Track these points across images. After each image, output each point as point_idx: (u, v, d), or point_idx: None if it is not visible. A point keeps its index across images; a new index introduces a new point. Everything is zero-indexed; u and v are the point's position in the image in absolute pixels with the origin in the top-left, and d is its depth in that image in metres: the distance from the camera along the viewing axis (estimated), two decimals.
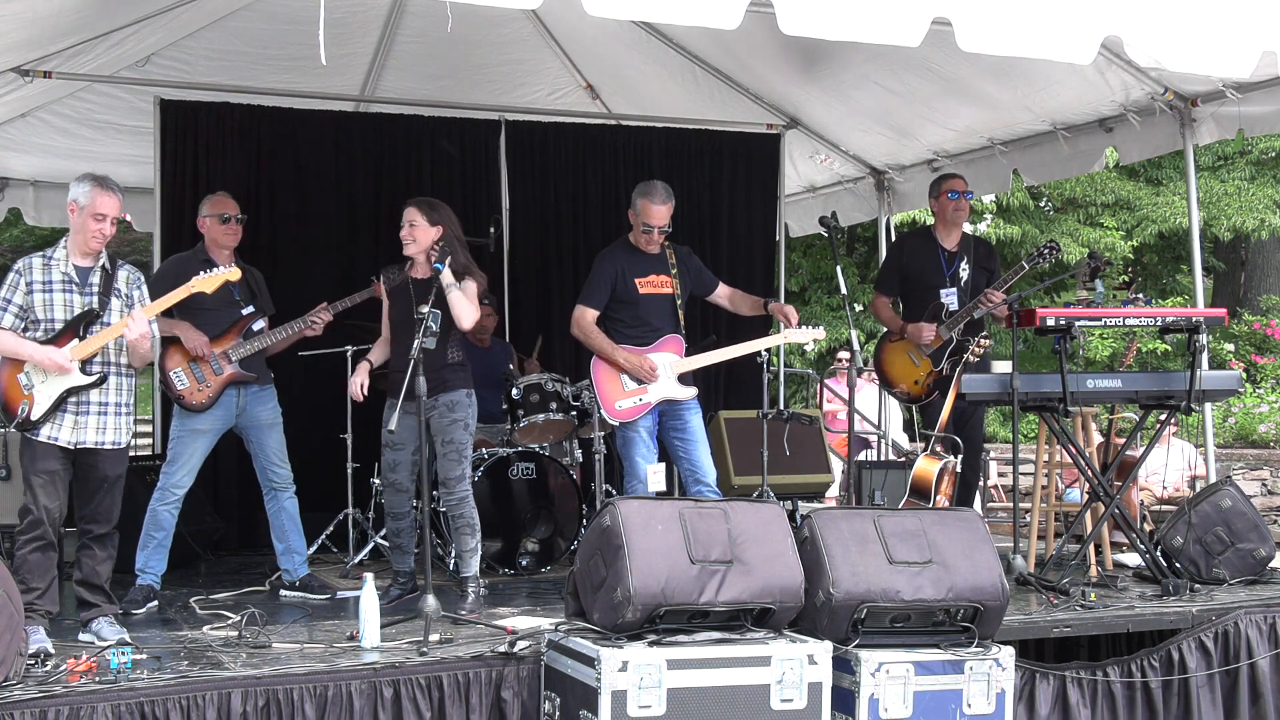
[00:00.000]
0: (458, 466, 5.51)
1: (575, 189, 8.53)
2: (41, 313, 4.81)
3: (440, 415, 5.50)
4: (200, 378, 5.81)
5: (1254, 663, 5.33)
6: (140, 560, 5.74)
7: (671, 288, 6.08)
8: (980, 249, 6.96)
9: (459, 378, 5.56)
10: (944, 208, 6.80)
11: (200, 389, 5.80)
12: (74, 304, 4.85)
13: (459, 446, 5.51)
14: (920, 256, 6.82)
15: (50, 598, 4.77)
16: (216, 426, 5.90)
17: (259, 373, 5.97)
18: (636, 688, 4.06)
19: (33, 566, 4.71)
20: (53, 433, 4.78)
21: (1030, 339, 14.99)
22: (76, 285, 4.87)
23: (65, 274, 4.87)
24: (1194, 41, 4.86)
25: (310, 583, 6.01)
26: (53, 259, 4.87)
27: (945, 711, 4.42)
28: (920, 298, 6.77)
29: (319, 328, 6.13)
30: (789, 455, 7.09)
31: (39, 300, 4.82)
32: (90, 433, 4.83)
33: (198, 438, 5.85)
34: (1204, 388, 5.95)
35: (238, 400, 5.91)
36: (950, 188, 6.79)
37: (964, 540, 4.60)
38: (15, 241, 18.97)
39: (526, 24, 8.39)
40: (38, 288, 4.83)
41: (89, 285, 4.89)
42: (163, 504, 5.78)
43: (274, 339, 6.02)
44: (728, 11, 4.30)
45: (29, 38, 6.35)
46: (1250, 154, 16.91)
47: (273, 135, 7.88)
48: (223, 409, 5.87)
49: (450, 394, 5.51)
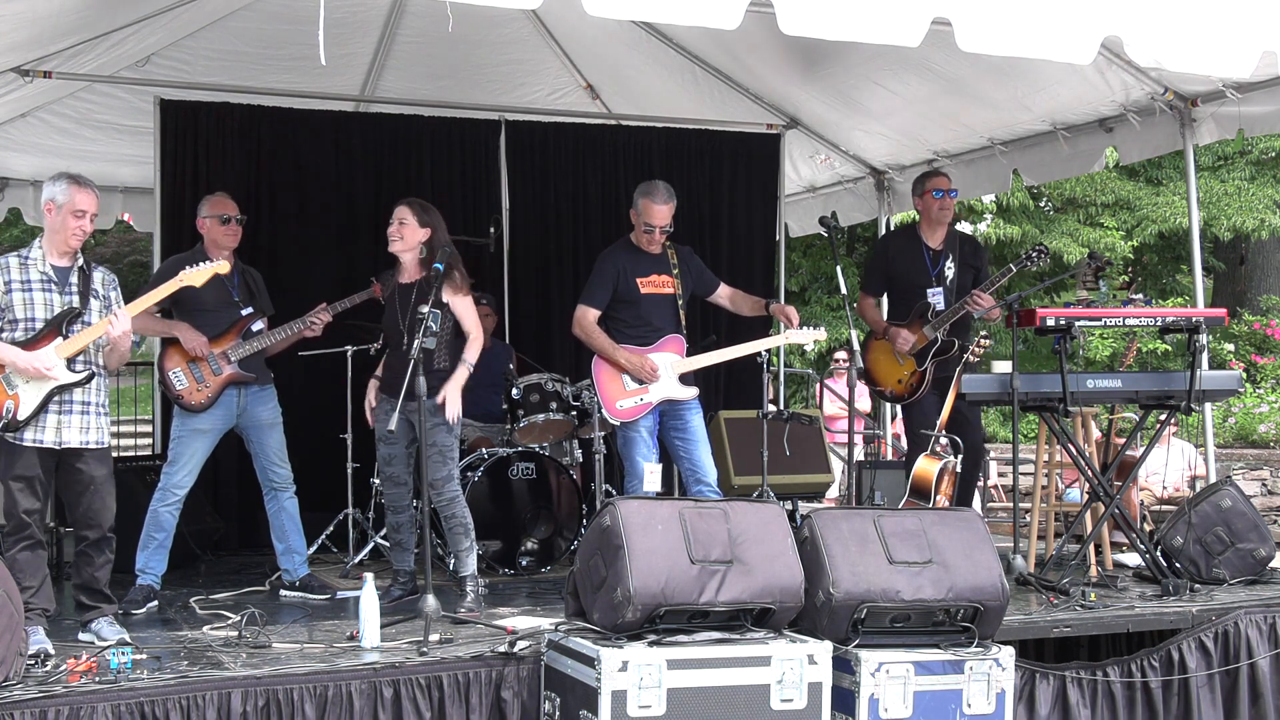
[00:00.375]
0: (443, 468, 5.50)
1: (575, 189, 8.52)
2: (21, 312, 4.77)
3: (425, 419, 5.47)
4: (199, 378, 5.80)
5: (1254, 663, 5.33)
6: (140, 561, 5.74)
7: (673, 288, 6.08)
8: (967, 246, 6.90)
9: (442, 384, 5.51)
10: (929, 206, 6.74)
11: (199, 389, 5.80)
12: (54, 303, 4.82)
13: (442, 448, 5.49)
14: (905, 256, 6.76)
15: (44, 595, 4.76)
16: (217, 426, 5.89)
17: (258, 373, 5.97)
18: (636, 688, 4.06)
19: (23, 565, 4.69)
20: (37, 435, 4.73)
21: (1030, 339, 15.00)
22: (56, 285, 4.84)
23: (44, 273, 4.83)
24: (1194, 41, 4.86)
25: (310, 583, 6.01)
26: (29, 259, 4.83)
27: (945, 711, 4.42)
28: (905, 297, 6.73)
29: (318, 328, 6.12)
30: (789, 455, 7.10)
31: (18, 299, 4.77)
32: (74, 432, 4.80)
33: (198, 438, 5.85)
34: (1204, 388, 5.95)
35: (238, 400, 5.91)
36: (935, 186, 6.72)
37: (964, 540, 4.60)
38: (15, 242, 18.97)
39: (526, 24, 8.40)
40: (16, 287, 4.78)
41: (68, 285, 4.86)
42: (164, 504, 5.78)
43: (273, 339, 6.02)
44: (728, 11, 4.30)
45: (29, 38, 6.34)
46: (1250, 154, 16.91)
47: (273, 135, 7.88)
48: (223, 409, 5.87)
49: (432, 398, 5.48)
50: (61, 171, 4.96)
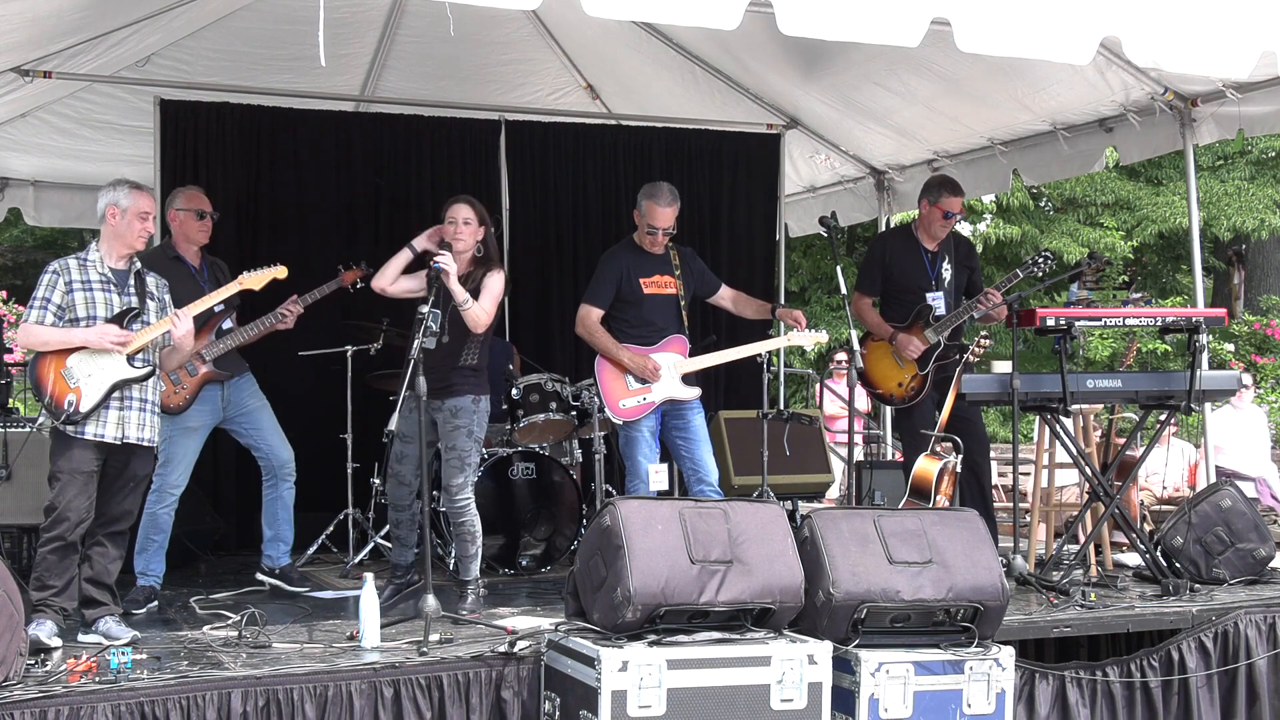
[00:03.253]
0: (459, 474, 5.42)
1: (575, 189, 8.52)
2: (83, 310, 4.85)
3: (444, 421, 5.42)
4: (175, 380, 5.79)
5: (1251, 663, 5.33)
6: (140, 563, 5.75)
7: (675, 288, 6.08)
8: (961, 248, 6.83)
9: (468, 383, 5.45)
10: (933, 219, 6.61)
11: (176, 391, 5.79)
12: (114, 303, 4.92)
13: (461, 454, 5.41)
14: (904, 258, 6.68)
15: (68, 595, 4.80)
16: (205, 422, 5.91)
17: (232, 367, 5.99)
18: (636, 688, 4.06)
19: (50, 566, 4.74)
20: (98, 429, 4.79)
21: (1030, 339, 15.01)
22: (115, 286, 4.94)
23: (103, 275, 4.93)
24: (1193, 42, 4.86)
25: (290, 573, 6.05)
26: (88, 260, 4.94)
27: (945, 711, 4.42)
28: (904, 299, 6.64)
29: (290, 320, 6.09)
30: (789, 455, 7.09)
31: (80, 299, 4.86)
32: (133, 428, 4.87)
33: (189, 436, 5.86)
34: (1204, 388, 5.96)
35: (222, 395, 5.95)
36: (946, 207, 6.58)
37: (964, 540, 4.60)
38: (15, 242, 18.98)
39: (526, 24, 8.39)
40: (77, 286, 4.87)
41: (127, 287, 4.98)
42: (161, 505, 5.78)
43: (246, 336, 6.02)
44: (727, 11, 4.30)
45: (29, 38, 6.35)
46: (1250, 154, 16.93)
47: (273, 135, 7.88)
48: (208, 404, 5.90)
49: (456, 399, 5.41)
50: (119, 178, 5.10)
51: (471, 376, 5.47)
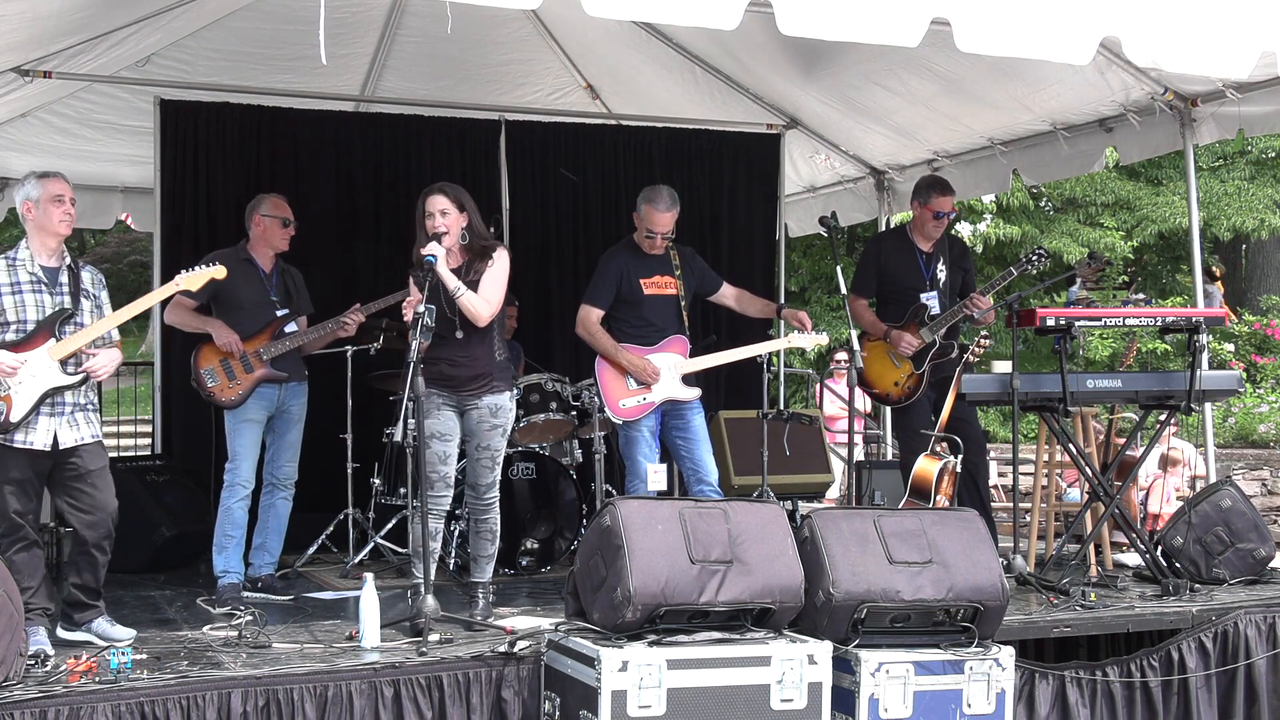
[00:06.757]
0: (490, 473, 5.33)
1: (575, 189, 8.51)
2: (13, 314, 4.71)
3: (481, 419, 5.28)
4: (230, 374, 5.87)
5: (1250, 663, 5.33)
6: (220, 563, 5.82)
7: (676, 289, 6.08)
8: (955, 248, 6.85)
9: (505, 378, 5.36)
10: (925, 220, 6.63)
11: (230, 386, 5.86)
12: (45, 304, 4.77)
13: (494, 453, 5.32)
14: (898, 259, 6.70)
15: (43, 595, 4.75)
16: (264, 414, 5.97)
17: (292, 370, 6.04)
18: (636, 688, 4.06)
19: (20, 566, 4.64)
20: (28, 438, 4.68)
21: (1030, 339, 15.01)
22: (46, 285, 4.78)
23: (33, 274, 4.77)
24: (1193, 42, 4.86)
25: (273, 584, 6.05)
26: (16, 260, 4.78)
27: (945, 711, 4.42)
28: (899, 300, 6.66)
29: (351, 328, 6.20)
30: (789, 455, 7.09)
31: (9, 302, 4.71)
32: (66, 433, 4.75)
33: (250, 427, 5.91)
34: (1204, 388, 5.96)
35: (278, 394, 5.99)
36: (938, 208, 6.60)
37: (964, 540, 4.61)
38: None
39: (526, 24, 8.39)
40: (5, 289, 4.72)
41: (59, 285, 4.81)
42: (235, 500, 5.85)
43: (307, 339, 6.10)
44: (727, 11, 4.30)
45: (29, 38, 6.34)
46: (1250, 154, 16.93)
47: (273, 135, 7.87)
48: (264, 400, 5.94)
49: (495, 396, 5.29)
50: (26, 173, 4.93)
51: (507, 371, 5.42)
